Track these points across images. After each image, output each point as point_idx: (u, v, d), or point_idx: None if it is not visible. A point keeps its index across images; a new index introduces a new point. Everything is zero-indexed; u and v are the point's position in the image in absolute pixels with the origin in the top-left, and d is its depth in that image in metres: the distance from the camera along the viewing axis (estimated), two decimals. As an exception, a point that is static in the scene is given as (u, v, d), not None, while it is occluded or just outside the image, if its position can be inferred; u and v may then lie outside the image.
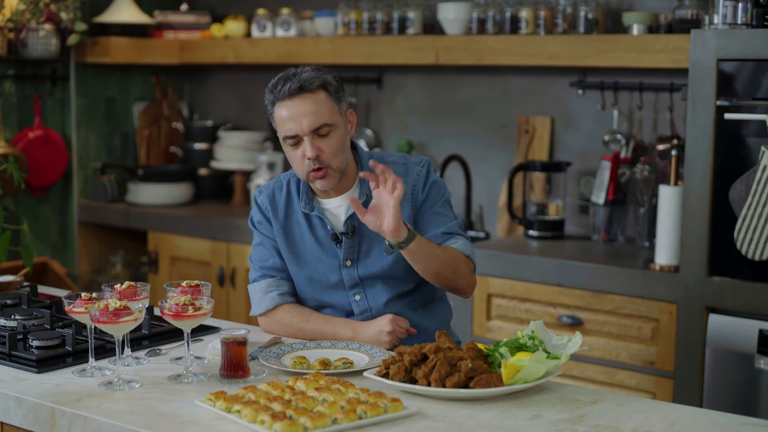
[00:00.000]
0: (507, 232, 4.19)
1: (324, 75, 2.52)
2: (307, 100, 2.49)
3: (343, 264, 2.60)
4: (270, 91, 2.54)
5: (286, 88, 2.49)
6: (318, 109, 2.49)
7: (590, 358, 3.47)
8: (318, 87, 2.50)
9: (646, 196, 3.72)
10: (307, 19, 4.58)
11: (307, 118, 2.49)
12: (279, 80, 2.53)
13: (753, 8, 3.11)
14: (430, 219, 2.62)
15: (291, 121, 2.50)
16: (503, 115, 4.30)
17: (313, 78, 2.50)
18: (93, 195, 4.87)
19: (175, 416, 1.98)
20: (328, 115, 2.50)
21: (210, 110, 5.29)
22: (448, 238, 2.59)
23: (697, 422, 2.00)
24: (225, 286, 4.41)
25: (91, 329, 2.25)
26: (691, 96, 3.17)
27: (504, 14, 3.99)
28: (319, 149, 2.50)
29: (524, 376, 2.09)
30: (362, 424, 1.92)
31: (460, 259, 2.56)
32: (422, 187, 2.62)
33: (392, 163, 2.64)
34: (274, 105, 2.54)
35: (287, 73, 2.54)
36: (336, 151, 2.52)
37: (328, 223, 2.60)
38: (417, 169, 2.64)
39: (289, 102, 2.50)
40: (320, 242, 2.62)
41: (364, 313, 2.61)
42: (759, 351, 3.06)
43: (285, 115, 2.51)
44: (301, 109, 2.49)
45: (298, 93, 2.49)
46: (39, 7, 4.55)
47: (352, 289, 2.61)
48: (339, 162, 2.54)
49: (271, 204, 2.68)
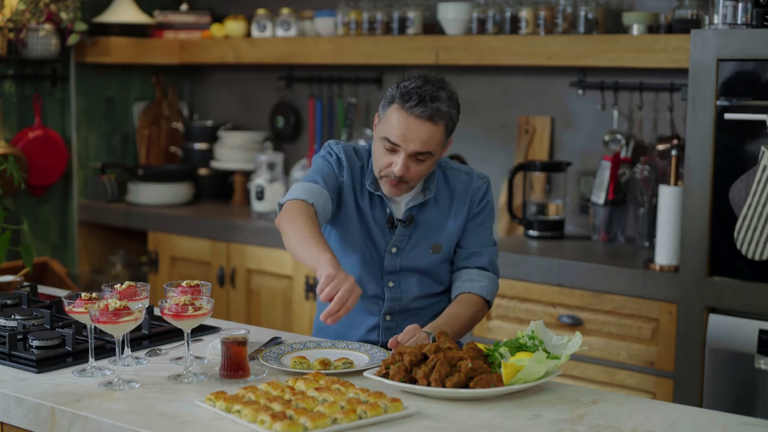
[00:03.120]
0: (507, 232, 4.19)
1: (452, 111, 2.53)
2: (427, 128, 2.49)
3: (389, 249, 2.64)
4: (400, 96, 2.49)
5: (418, 109, 2.47)
6: (430, 139, 2.50)
7: (590, 358, 3.47)
8: (442, 122, 2.51)
9: (646, 196, 3.72)
10: (307, 19, 4.59)
11: (416, 143, 2.49)
12: (413, 92, 2.47)
13: (753, 8, 3.11)
14: (472, 236, 2.69)
15: (401, 134, 2.49)
16: (503, 115, 4.30)
17: (444, 113, 2.50)
18: (93, 195, 4.87)
19: (175, 416, 1.98)
20: (434, 146, 2.52)
21: (210, 110, 5.29)
22: (476, 273, 2.67)
23: (697, 422, 2.00)
24: (225, 286, 4.41)
25: (91, 329, 2.25)
26: (691, 96, 3.17)
27: (504, 14, 3.99)
28: (408, 170, 2.53)
29: (524, 376, 2.09)
30: (362, 424, 1.92)
31: (479, 312, 2.65)
32: (479, 200, 2.69)
33: (457, 170, 2.71)
34: (392, 104, 2.52)
35: (424, 91, 2.47)
36: (422, 175, 2.57)
37: (389, 206, 2.64)
38: (479, 182, 2.70)
39: (411, 119, 2.48)
40: (375, 221, 2.65)
41: (393, 300, 2.66)
42: (759, 351, 3.06)
43: (399, 124, 2.49)
44: (418, 133, 2.49)
45: (426, 120, 2.48)
46: (39, 7, 4.55)
47: (389, 275, 2.65)
48: (417, 183, 2.59)
49: (348, 159, 2.65)
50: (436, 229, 2.66)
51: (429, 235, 2.65)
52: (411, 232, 2.65)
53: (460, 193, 2.68)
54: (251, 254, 4.30)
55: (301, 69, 4.83)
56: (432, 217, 2.66)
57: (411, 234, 2.65)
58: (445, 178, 2.69)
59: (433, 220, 2.66)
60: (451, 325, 2.54)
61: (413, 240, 2.65)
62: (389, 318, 2.67)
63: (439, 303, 2.71)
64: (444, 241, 2.67)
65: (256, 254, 4.27)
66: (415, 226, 2.65)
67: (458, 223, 2.67)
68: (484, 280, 2.67)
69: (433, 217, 2.66)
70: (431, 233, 2.65)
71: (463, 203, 2.68)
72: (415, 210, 2.64)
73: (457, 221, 2.67)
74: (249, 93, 5.10)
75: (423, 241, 2.65)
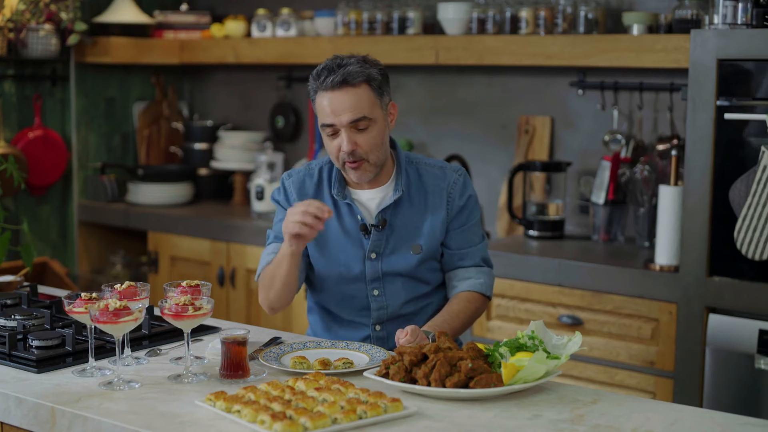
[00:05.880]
0: (507, 232, 4.19)
1: (369, 69, 2.52)
2: (349, 94, 2.48)
3: (368, 256, 2.60)
4: (314, 79, 2.53)
5: (330, 79, 2.49)
6: (358, 103, 2.49)
7: (590, 358, 3.47)
8: (361, 81, 2.50)
9: (646, 196, 3.72)
10: (307, 19, 4.59)
11: (347, 112, 2.48)
12: (324, 70, 2.51)
13: (753, 8, 3.11)
14: (461, 236, 2.65)
15: (330, 112, 2.49)
16: (503, 115, 4.30)
17: (357, 72, 2.49)
18: (93, 195, 4.87)
19: (175, 416, 1.98)
20: (368, 110, 2.50)
21: (210, 110, 5.29)
22: (472, 271, 2.65)
23: (697, 422, 2.00)
24: (225, 286, 4.41)
25: (91, 329, 2.25)
26: (691, 96, 3.17)
27: (504, 14, 3.99)
28: (356, 143, 2.50)
29: (524, 376, 2.09)
30: (362, 424, 1.92)
31: (479, 308, 2.64)
32: (459, 195, 2.64)
33: (429, 165, 2.66)
34: (316, 92, 2.53)
35: (332, 63, 2.52)
36: (373, 145, 2.52)
37: (359, 213, 2.60)
38: (454, 176, 2.65)
39: (331, 93, 2.49)
40: (347, 231, 2.61)
41: (380, 309, 2.62)
42: (759, 351, 3.06)
43: (325, 105, 2.50)
44: (341, 101, 2.48)
45: (341, 86, 2.48)
46: (39, 7, 4.55)
47: (373, 282, 2.61)
48: (376, 156, 2.54)
49: (298, 191, 2.65)
50: (413, 230, 2.61)
51: (407, 236, 2.60)
52: (388, 236, 2.60)
53: (434, 189, 2.63)
54: (251, 254, 4.30)
55: (301, 69, 4.83)
56: (407, 217, 2.61)
57: (388, 237, 2.60)
58: (417, 174, 2.64)
59: (409, 220, 2.61)
60: (451, 322, 2.53)
61: (392, 243, 2.60)
62: (379, 328, 2.64)
63: (429, 305, 2.67)
64: (423, 241, 2.61)
65: (256, 254, 4.27)
66: (391, 229, 2.60)
67: (437, 220, 2.61)
68: (481, 276, 2.65)
69: (408, 218, 2.61)
70: (409, 234, 2.60)
71: (439, 200, 2.62)
72: (388, 212, 2.60)
73: (435, 219, 2.61)
74: (249, 93, 5.10)
75: (402, 243, 2.60)
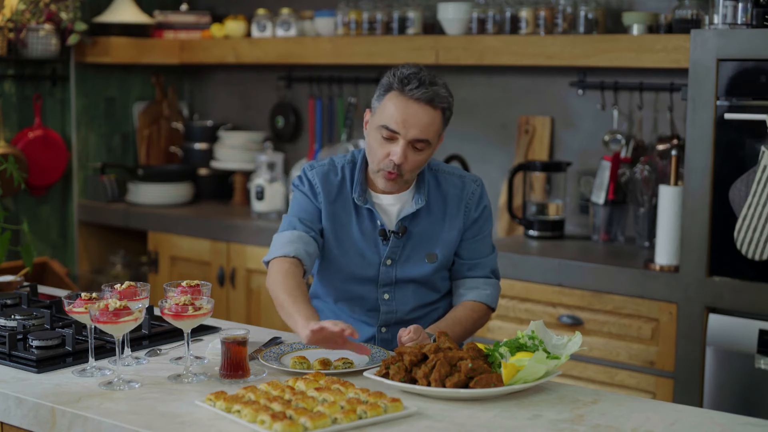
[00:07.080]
0: (507, 232, 4.19)
1: (449, 99, 2.53)
2: (428, 113, 2.48)
3: (384, 262, 2.60)
4: (398, 81, 2.48)
5: (419, 92, 2.46)
6: (430, 125, 2.49)
7: (590, 358, 3.47)
8: (442, 107, 2.50)
9: (646, 196, 3.72)
10: (307, 19, 4.58)
11: (417, 129, 2.47)
12: (412, 77, 2.48)
13: (753, 8, 3.11)
14: (473, 246, 2.66)
15: (402, 121, 2.47)
16: (503, 115, 4.30)
17: (443, 98, 2.50)
18: (93, 195, 4.87)
19: (175, 416, 1.98)
20: (432, 135, 2.50)
21: (210, 110, 5.29)
22: (480, 282, 2.66)
23: (697, 422, 2.00)
24: (225, 286, 4.41)
25: (91, 329, 2.25)
26: (691, 96, 3.17)
27: (504, 14, 3.99)
28: (406, 159, 2.50)
29: (524, 376, 2.09)
30: (362, 424, 1.92)
31: (482, 318, 2.64)
32: (475, 206, 2.65)
33: (449, 174, 2.67)
34: (389, 92, 2.50)
35: (423, 75, 2.48)
36: (417, 166, 2.54)
37: (379, 218, 2.60)
38: (473, 186, 2.66)
39: (413, 104, 2.47)
40: (365, 235, 2.61)
41: (389, 313, 2.63)
42: (759, 351, 3.06)
43: (399, 109, 2.47)
44: (418, 117, 2.47)
45: (426, 102, 2.47)
46: (39, 7, 4.55)
47: (384, 287, 2.62)
48: (412, 176, 2.57)
49: (323, 183, 2.62)
50: (430, 238, 2.62)
51: (423, 244, 2.61)
52: (405, 243, 2.60)
53: (452, 199, 2.64)
54: (251, 254, 4.30)
55: (301, 69, 4.83)
56: (426, 226, 2.62)
57: (405, 245, 2.61)
58: (437, 182, 2.64)
59: (427, 229, 2.62)
60: (454, 328, 2.53)
61: (408, 250, 2.61)
62: (385, 330, 2.65)
63: (435, 311, 2.68)
64: (439, 250, 2.62)
65: (256, 254, 4.27)
66: (408, 237, 2.60)
67: (454, 230, 2.63)
68: (488, 288, 2.65)
69: (426, 227, 2.62)
70: (426, 243, 2.61)
71: (457, 210, 2.63)
72: (408, 220, 2.60)
73: (452, 229, 2.63)
74: (249, 93, 5.10)
75: (418, 251, 2.61)
